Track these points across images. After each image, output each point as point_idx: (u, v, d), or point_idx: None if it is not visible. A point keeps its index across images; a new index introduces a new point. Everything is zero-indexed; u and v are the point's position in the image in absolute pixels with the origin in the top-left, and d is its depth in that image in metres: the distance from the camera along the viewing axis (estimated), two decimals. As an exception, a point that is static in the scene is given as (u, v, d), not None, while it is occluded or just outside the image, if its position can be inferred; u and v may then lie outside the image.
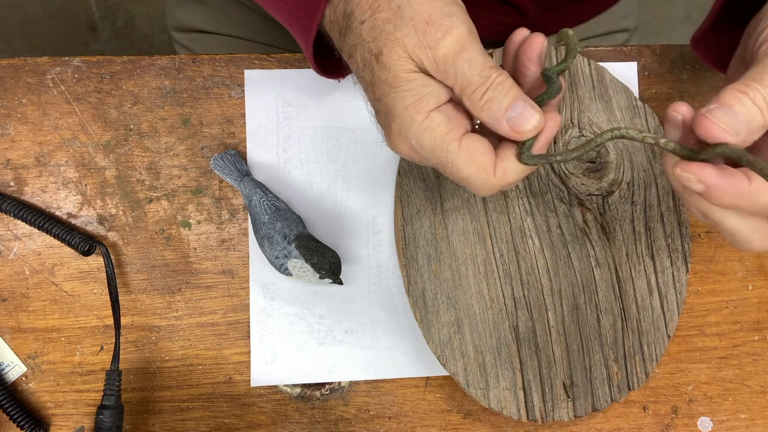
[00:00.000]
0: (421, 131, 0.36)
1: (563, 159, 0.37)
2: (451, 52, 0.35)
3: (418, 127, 0.36)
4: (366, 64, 0.37)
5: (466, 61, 0.35)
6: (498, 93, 0.35)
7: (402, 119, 0.36)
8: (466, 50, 0.35)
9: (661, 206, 0.53)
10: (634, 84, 0.56)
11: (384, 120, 0.38)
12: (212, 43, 0.69)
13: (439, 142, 0.36)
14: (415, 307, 0.51)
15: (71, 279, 0.51)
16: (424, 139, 0.36)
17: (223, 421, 0.52)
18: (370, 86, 0.37)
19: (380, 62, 0.36)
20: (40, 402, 0.51)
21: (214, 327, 0.52)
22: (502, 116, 0.35)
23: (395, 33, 0.35)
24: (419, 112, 0.36)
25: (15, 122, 0.51)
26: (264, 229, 0.49)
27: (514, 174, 0.37)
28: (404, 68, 0.35)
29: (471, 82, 0.35)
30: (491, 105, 0.35)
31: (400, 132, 0.37)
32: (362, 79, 0.38)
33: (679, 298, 0.53)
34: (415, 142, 0.36)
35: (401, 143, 0.37)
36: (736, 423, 0.55)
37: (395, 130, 0.37)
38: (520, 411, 0.50)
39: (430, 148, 0.36)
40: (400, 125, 0.36)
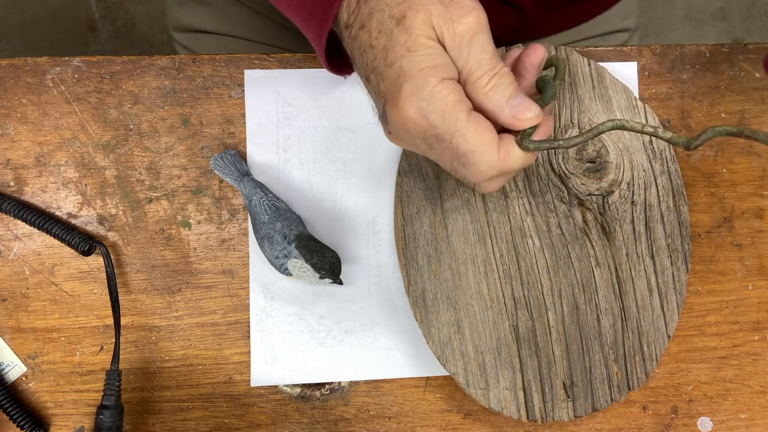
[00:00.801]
0: (434, 94, 0.36)
1: (565, 145, 0.38)
2: (469, 31, 0.36)
3: (432, 89, 0.36)
4: (383, 30, 0.37)
5: (481, 44, 0.36)
6: (503, 81, 0.37)
7: (416, 80, 0.36)
8: (482, 34, 0.36)
9: (661, 206, 0.53)
10: (634, 84, 0.56)
11: (392, 85, 0.37)
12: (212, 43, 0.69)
13: (450, 108, 0.36)
14: (415, 307, 0.51)
15: (71, 279, 0.51)
16: (437, 102, 0.36)
17: (223, 421, 0.52)
18: (382, 52, 0.37)
19: (402, 26, 0.36)
20: (40, 402, 0.51)
21: (214, 327, 0.52)
22: (504, 103, 0.37)
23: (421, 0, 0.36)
24: (434, 76, 0.36)
25: (15, 122, 0.51)
26: (264, 229, 0.49)
27: (517, 159, 0.38)
28: (425, 34, 0.36)
29: (481, 65, 0.36)
30: (496, 91, 0.36)
31: (412, 93, 0.36)
32: (372, 48, 0.38)
33: (679, 298, 0.53)
34: (426, 104, 0.36)
35: (410, 105, 0.36)
36: (736, 423, 0.55)
37: (406, 92, 0.36)
38: (520, 411, 0.50)
39: (440, 111, 0.36)
40: (414, 86, 0.36)
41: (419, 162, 0.52)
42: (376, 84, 0.38)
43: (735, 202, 0.56)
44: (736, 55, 0.57)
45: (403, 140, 0.39)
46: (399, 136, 0.39)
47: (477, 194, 0.52)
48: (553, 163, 0.53)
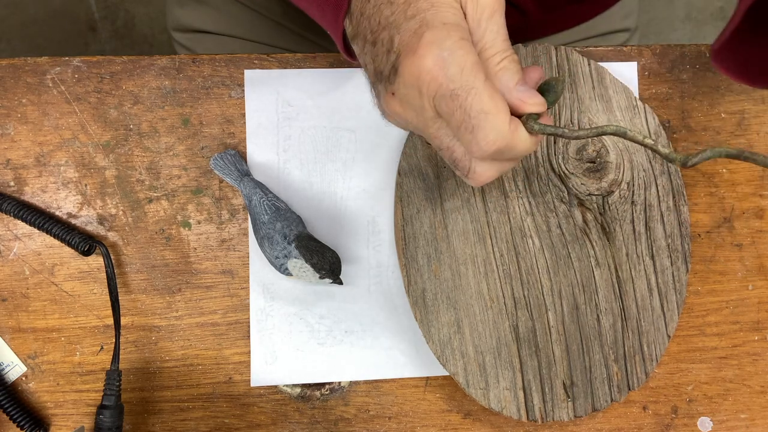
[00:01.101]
0: (456, 47, 0.35)
1: (569, 134, 0.38)
2: (490, 7, 0.36)
3: (454, 42, 0.35)
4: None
5: (498, 23, 0.36)
6: (513, 65, 0.37)
7: (439, 31, 0.35)
8: (500, 15, 0.36)
9: (661, 206, 0.53)
10: (634, 84, 0.56)
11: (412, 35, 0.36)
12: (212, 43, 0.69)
13: (470, 65, 0.35)
14: (415, 307, 0.51)
15: (71, 279, 0.51)
16: (457, 56, 0.35)
17: (223, 421, 0.52)
18: (403, 6, 0.36)
19: None
20: (40, 402, 0.51)
21: (214, 327, 0.52)
22: (513, 85, 0.37)
23: None
24: (457, 32, 0.35)
25: (15, 122, 0.51)
26: (264, 229, 0.49)
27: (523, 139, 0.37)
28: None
29: (496, 44, 0.36)
30: (506, 72, 0.36)
31: (434, 42, 0.35)
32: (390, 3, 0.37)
33: (679, 298, 0.53)
34: (448, 54, 0.35)
35: (430, 53, 0.35)
36: (736, 423, 0.55)
37: (427, 40, 0.35)
38: (520, 411, 0.50)
39: (460, 66, 0.35)
40: (436, 35, 0.35)
41: (419, 162, 0.52)
42: (389, 41, 0.37)
43: (735, 202, 0.56)
44: (736, 55, 0.57)
45: (408, 103, 0.37)
46: (406, 98, 0.37)
47: (477, 194, 0.52)
48: (553, 163, 0.53)
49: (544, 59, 0.54)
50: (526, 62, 0.53)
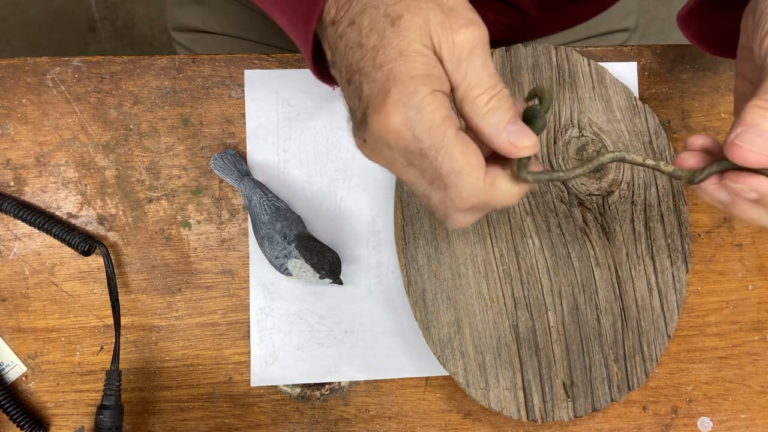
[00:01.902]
0: (424, 104, 0.33)
1: (565, 176, 0.36)
2: (469, 44, 0.33)
3: (422, 99, 0.33)
4: (374, 28, 0.34)
5: (481, 59, 0.33)
6: (503, 104, 0.34)
7: (406, 87, 0.33)
8: (482, 49, 0.34)
9: (661, 206, 0.53)
10: (634, 84, 0.56)
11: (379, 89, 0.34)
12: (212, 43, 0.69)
13: (439, 122, 0.33)
14: (415, 307, 0.51)
15: (71, 279, 0.51)
16: (425, 114, 0.33)
17: (223, 421, 0.52)
18: (372, 53, 0.34)
19: (397, 27, 0.33)
20: (40, 402, 0.51)
21: (214, 327, 0.52)
22: (503, 128, 0.34)
23: (420, 3, 0.33)
24: (425, 86, 0.33)
25: (15, 122, 0.51)
26: (264, 229, 0.49)
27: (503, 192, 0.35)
28: (421, 40, 0.33)
29: (481, 82, 0.34)
30: (495, 113, 0.34)
31: (400, 100, 0.33)
32: (360, 47, 0.35)
33: (679, 298, 0.53)
34: (414, 113, 0.33)
35: (396, 113, 0.33)
36: (736, 423, 0.55)
37: (394, 98, 0.33)
38: (520, 411, 0.50)
39: (428, 124, 0.33)
40: (402, 93, 0.33)
41: (419, 162, 0.52)
42: (359, 86, 0.35)
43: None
44: (736, 55, 0.57)
45: (379, 152, 0.36)
46: (376, 148, 0.35)
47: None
48: (553, 163, 0.53)
49: (544, 59, 0.54)
50: (526, 62, 0.53)
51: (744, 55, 0.42)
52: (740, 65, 0.43)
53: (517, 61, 0.53)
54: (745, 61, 0.42)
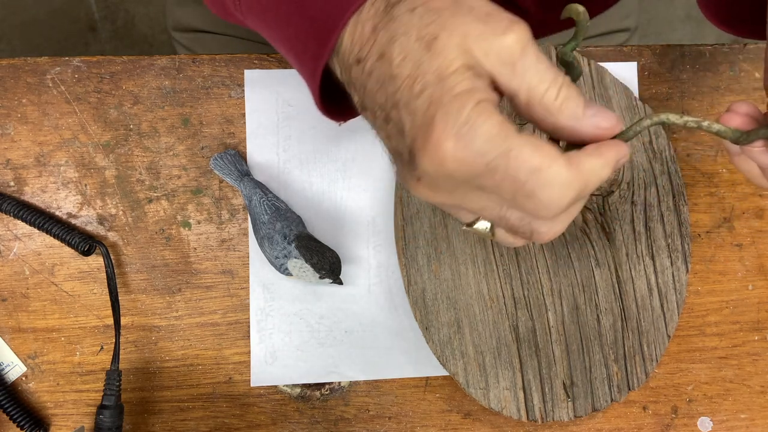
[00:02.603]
0: (475, 116, 0.30)
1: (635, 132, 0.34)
2: (518, 44, 0.31)
3: (471, 112, 0.30)
4: (408, 56, 0.32)
5: (535, 55, 0.31)
6: (572, 92, 0.31)
7: (452, 105, 0.30)
8: (532, 45, 0.31)
9: (661, 206, 0.53)
10: (634, 84, 0.56)
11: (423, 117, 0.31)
12: (212, 43, 0.69)
13: (497, 130, 0.30)
14: (415, 307, 0.51)
15: (71, 279, 0.51)
16: (480, 125, 0.30)
17: (223, 421, 0.52)
18: (408, 81, 0.32)
19: (432, 50, 0.31)
20: (40, 402, 0.51)
21: (214, 327, 0.52)
22: (582, 114, 0.31)
23: (455, 19, 0.31)
24: (471, 98, 0.30)
25: (15, 122, 0.51)
26: (264, 229, 0.49)
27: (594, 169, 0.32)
28: (459, 59, 0.31)
29: (543, 77, 0.31)
30: (569, 103, 0.31)
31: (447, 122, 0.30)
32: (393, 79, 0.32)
33: (679, 298, 0.53)
34: (466, 129, 0.30)
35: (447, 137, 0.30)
36: (736, 423, 0.55)
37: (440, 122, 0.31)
38: (520, 411, 0.50)
39: (485, 135, 0.30)
40: (448, 113, 0.30)
41: (419, 162, 0.52)
42: (399, 121, 0.32)
43: (735, 202, 0.56)
44: (736, 55, 0.57)
45: (439, 188, 0.33)
46: (435, 184, 0.32)
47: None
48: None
49: (544, 59, 0.54)
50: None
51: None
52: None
53: (517, 61, 0.53)
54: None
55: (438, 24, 0.31)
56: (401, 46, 0.32)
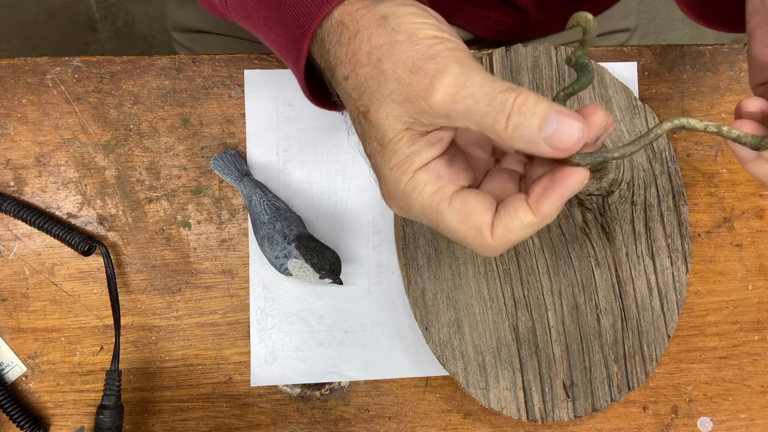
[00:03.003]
0: (407, 193, 0.33)
1: (619, 155, 0.32)
2: (446, 97, 0.31)
3: (404, 188, 0.33)
4: (356, 119, 0.34)
5: (469, 97, 0.30)
6: (524, 116, 0.30)
7: (388, 180, 0.33)
8: (463, 87, 0.31)
9: (661, 206, 0.53)
10: (634, 84, 0.56)
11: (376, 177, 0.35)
12: (212, 43, 0.69)
13: (428, 203, 0.33)
14: (415, 307, 0.51)
15: (71, 279, 0.51)
16: (412, 200, 0.33)
17: (223, 421, 0.52)
18: (362, 140, 0.35)
19: (368, 120, 0.33)
20: (40, 402, 0.51)
21: (214, 327, 0.52)
22: (537, 138, 0.30)
23: (380, 90, 0.32)
24: (404, 173, 0.33)
25: (15, 122, 0.51)
26: (264, 229, 0.49)
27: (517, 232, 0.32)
28: (393, 127, 0.32)
29: (486, 115, 0.30)
30: (521, 131, 0.30)
31: (389, 193, 0.34)
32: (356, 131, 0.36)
33: (679, 298, 0.53)
34: (403, 202, 0.34)
35: (392, 204, 0.35)
36: (736, 423, 0.55)
37: (384, 191, 0.34)
38: (520, 411, 0.50)
39: (419, 209, 0.33)
40: (388, 185, 0.34)
41: (419, 162, 0.52)
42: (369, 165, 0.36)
43: (735, 202, 0.56)
44: (736, 55, 0.57)
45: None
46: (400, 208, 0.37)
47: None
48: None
49: (544, 59, 0.54)
50: (526, 62, 0.53)
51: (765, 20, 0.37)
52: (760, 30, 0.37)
53: (517, 61, 0.53)
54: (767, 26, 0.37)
55: (366, 96, 0.33)
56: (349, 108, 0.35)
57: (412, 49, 0.32)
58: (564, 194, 0.32)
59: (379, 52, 0.32)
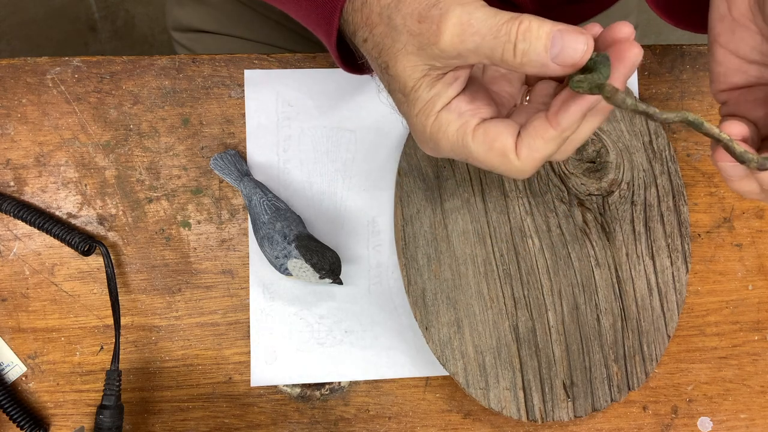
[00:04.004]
0: (433, 134, 0.36)
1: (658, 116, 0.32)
2: (454, 38, 0.33)
3: (430, 131, 0.36)
4: (381, 76, 0.37)
5: (475, 34, 0.32)
6: (529, 41, 0.32)
7: (416, 127, 0.36)
8: (468, 26, 0.32)
9: (661, 206, 0.53)
10: (634, 84, 0.56)
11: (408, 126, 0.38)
12: (212, 43, 0.69)
13: (454, 139, 0.35)
14: (415, 307, 0.51)
15: (71, 279, 0.51)
16: (440, 140, 0.36)
17: (223, 421, 0.52)
18: (390, 94, 0.38)
19: (390, 75, 0.36)
20: (40, 402, 0.51)
21: (214, 327, 0.52)
22: (546, 60, 0.32)
23: (395, 45, 0.35)
24: (428, 117, 0.35)
25: (15, 122, 0.51)
26: (264, 229, 0.49)
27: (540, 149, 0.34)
28: (411, 77, 0.35)
29: (494, 48, 0.32)
30: (528, 56, 0.32)
31: (419, 138, 0.37)
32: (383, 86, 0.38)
33: (679, 298, 0.53)
34: (432, 144, 0.36)
35: (425, 148, 0.37)
36: (736, 423, 0.55)
37: (416, 138, 0.37)
38: (520, 411, 0.50)
39: (448, 148, 0.36)
40: (416, 132, 0.37)
41: (419, 162, 0.52)
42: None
43: (735, 202, 0.56)
44: (736, 55, 0.57)
45: None
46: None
47: (477, 194, 0.52)
48: (553, 163, 0.53)
49: (544, 59, 0.54)
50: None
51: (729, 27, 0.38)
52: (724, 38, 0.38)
53: (517, 61, 0.53)
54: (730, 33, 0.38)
55: (384, 54, 0.36)
56: (374, 66, 0.37)
57: (416, 1, 0.34)
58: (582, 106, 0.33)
59: (388, 10, 0.35)
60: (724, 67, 0.39)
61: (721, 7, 0.38)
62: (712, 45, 0.39)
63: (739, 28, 0.37)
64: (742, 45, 0.38)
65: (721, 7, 0.38)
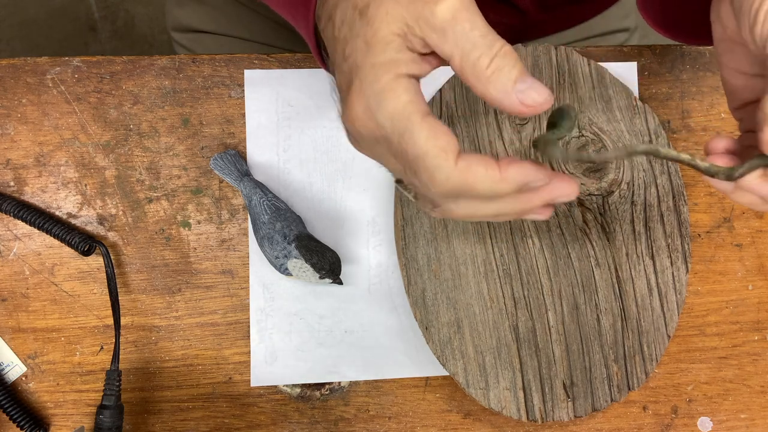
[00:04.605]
0: (384, 91, 0.32)
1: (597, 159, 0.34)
2: (449, 12, 0.31)
3: (383, 86, 0.32)
4: (345, 21, 0.34)
5: (468, 21, 0.31)
6: (506, 62, 0.31)
7: (367, 75, 0.33)
8: (466, 10, 0.31)
9: (661, 206, 0.53)
10: (634, 84, 0.56)
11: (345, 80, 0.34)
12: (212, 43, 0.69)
13: (401, 108, 0.32)
14: (415, 307, 0.51)
15: (71, 279, 0.51)
16: (386, 100, 0.32)
17: (223, 421, 0.52)
18: (342, 43, 0.34)
19: (364, 17, 0.33)
20: (40, 402, 0.51)
21: (214, 327, 0.52)
22: (511, 88, 0.31)
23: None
24: (387, 72, 0.32)
25: (15, 122, 0.51)
26: (264, 229, 0.49)
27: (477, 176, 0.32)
28: (388, 28, 0.32)
29: (476, 45, 0.31)
30: (499, 75, 0.31)
31: (361, 89, 0.33)
32: (335, 40, 0.35)
33: (679, 298, 0.53)
34: (374, 101, 0.32)
35: (358, 103, 0.33)
36: (736, 423, 0.55)
37: (356, 87, 0.33)
38: (520, 411, 0.50)
39: (389, 111, 0.32)
40: (363, 81, 0.33)
41: (419, 162, 0.52)
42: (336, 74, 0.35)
43: (735, 202, 0.56)
44: (736, 55, 0.57)
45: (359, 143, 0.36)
46: (354, 138, 0.35)
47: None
48: (553, 163, 0.53)
49: (544, 59, 0.54)
50: (526, 62, 0.54)
51: (728, 47, 0.39)
52: (725, 57, 0.39)
53: (517, 61, 0.53)
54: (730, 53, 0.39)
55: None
56: (342, 11, 0.34)
57: None
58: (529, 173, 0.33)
59: None
60: (731, 85, 0.39)
61: (718, 30, 0.39)
62: (720, 66, 0.40)
63: (735, 46, 0.38)
64: (743, 61, 0.38)
65: (718, 30, 0.39)
